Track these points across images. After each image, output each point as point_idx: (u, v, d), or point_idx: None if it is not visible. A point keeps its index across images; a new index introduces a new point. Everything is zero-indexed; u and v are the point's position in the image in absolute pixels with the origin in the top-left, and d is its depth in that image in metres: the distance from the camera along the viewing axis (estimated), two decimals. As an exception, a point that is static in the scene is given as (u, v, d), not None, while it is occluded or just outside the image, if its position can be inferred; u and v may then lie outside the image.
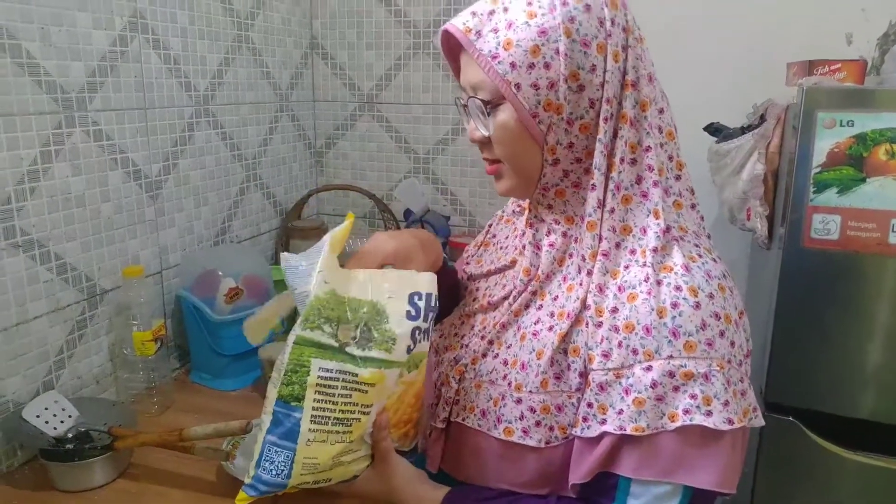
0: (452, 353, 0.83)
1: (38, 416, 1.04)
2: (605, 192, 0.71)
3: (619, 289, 0.69)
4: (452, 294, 0.91)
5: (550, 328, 0.73)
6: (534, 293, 0.76)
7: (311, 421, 0.67)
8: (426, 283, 0.74)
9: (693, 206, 0.74)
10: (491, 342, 0.78)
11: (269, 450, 0.67)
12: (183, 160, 1.39)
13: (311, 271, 0.68)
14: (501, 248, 0.89)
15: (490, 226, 0.95)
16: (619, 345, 0.67)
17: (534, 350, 0.73)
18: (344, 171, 1.93)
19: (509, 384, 0.74)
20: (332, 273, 0.69)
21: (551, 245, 0.76)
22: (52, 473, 1.01)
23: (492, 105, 0.71)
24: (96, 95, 1.16)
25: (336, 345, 0.67)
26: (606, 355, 0.67)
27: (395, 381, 0.72)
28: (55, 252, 1.11)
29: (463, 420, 0.77)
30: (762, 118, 1.42)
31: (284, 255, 0.71)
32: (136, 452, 1.07)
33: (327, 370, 0.67)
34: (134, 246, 1.28)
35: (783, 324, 1.35)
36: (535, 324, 0.75)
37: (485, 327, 0.81)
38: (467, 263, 0.94)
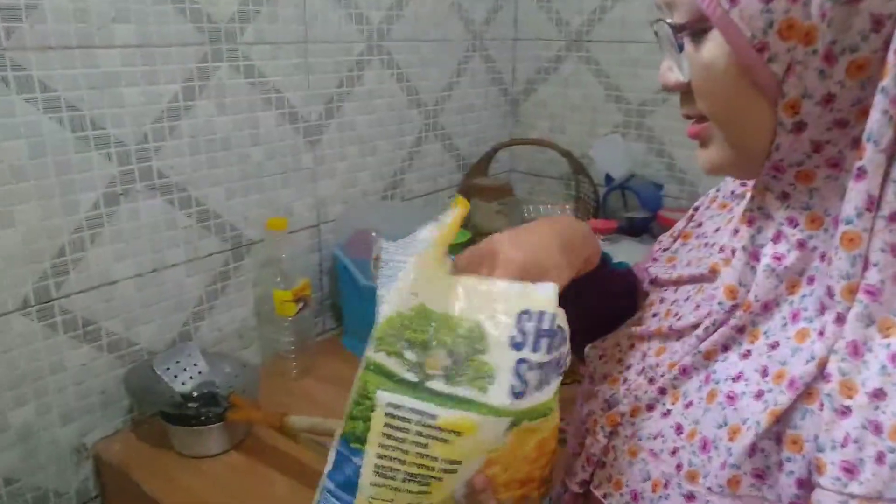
0: (610, 390, 0.58)
1: (167, 369, 1.00)
2: (883, 183, 0.41)
3: (893, 358, 0.40)
4: (621, 300, 0.66)
5: (759, 395, 0.46)
6: (740, 329, 0.49)
7: (375, 473, 0.49)
8: (542, 297, 0.50)
9: None
10: (663, 391, 0.53)
11: (325, 499, 0.51)
12: (349, 103, 1.25)
13: (398, 273, 0.50)
14: (706, 245, 0.61)
15: (696, 209, 0.66)
16: (879, 459, 0.39)
17: (726, 423, 0.47)
18: (542, 123, 1.66)
19: (678, 466, 0.49)
20: (428, 280, 0.51)
21: (778, 259, 0.48)
22: (170, 433, 0.96)
23: (690, 32, 0.44)
24: (248, 26, 1.05)
25: (415, 379, 0.48)
26: (850, 470, 0.40)
27: (502, 432, 0.50)
28: (196, 197, 1.04)
29: (604, 496, 0.54)
30: None
31: (384, 244, 0.54)
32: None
33: (396, 406, 0.48)
34: (287, 196, 1.18)
35: None
36: (734, 380, 0.48)
37: (658, 364, 0.55)
38: (654, 259, 0.67)
